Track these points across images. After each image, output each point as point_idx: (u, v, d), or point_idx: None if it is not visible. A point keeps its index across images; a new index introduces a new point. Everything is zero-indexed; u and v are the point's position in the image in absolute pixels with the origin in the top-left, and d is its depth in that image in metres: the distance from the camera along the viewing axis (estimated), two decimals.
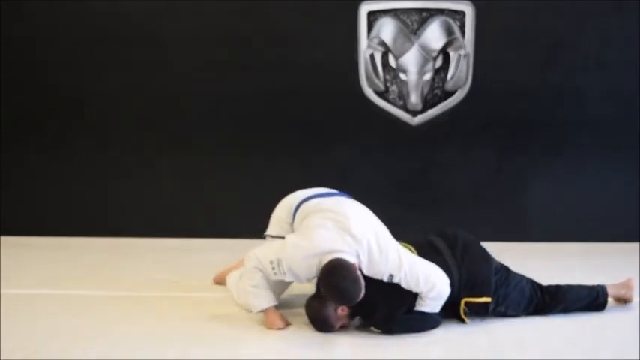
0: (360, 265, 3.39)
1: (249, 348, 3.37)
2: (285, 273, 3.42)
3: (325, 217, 3.48)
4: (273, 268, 3.43)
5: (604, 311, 3.74)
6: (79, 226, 5.46)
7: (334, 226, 3.42)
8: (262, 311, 3.54)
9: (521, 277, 3.72)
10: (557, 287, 3.74)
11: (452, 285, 3.51)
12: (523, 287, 3.67)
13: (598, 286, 3.78)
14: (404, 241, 3.65)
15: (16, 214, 5.47)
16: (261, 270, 3.47)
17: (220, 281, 4.23)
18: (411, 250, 3.59)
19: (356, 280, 3.30)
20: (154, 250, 5.12)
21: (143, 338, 3.47)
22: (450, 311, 3.60)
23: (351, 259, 3.36)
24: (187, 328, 3.60)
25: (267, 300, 3.52)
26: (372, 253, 3.39)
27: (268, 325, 3.53)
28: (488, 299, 3.58)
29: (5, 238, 5.34)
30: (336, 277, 3.29)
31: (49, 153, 5.45)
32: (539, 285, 3.73)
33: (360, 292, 3.30)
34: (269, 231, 3.86)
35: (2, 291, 4.12)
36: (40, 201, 5.50)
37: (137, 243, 5.30)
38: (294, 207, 3.72)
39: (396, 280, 3.40)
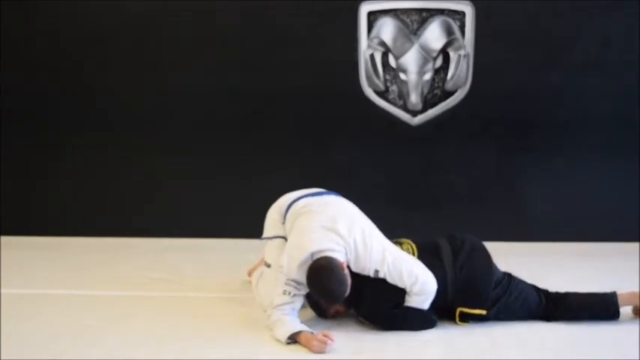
0: (348, 262, 3.44)
1: (248, 348, 3.37)
2: (299, 288, 3.44)
3: (313, 219, 3.53)
4: (290, 293, 3.43)
5: None
6: (79, 226, 5.46)
7: (322, 227, 3.46)
8: (292, 338, 3.38)
9: (525, 285, 3.64)
10: (564, 296, 3.66)
11: (444, 290, 3.49)
12: (527, 297, 3.60)
13: (608, 295, 3.64)
14: (406, 239, 3.66)
15: (16, 214, 5.47)
16: (287, 311, 3.43)
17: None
18: (411, 248, 3.60)
19: (342, 280, 3.34)
20: (153, 250, 5.12)
21: (143, 338, 3.47)
22: (447, 315, 3.60)
23: (340, 257, 3.40)
24: (187, 328, 3.60)
25: (290, 327, 3.39)
26: (357, 251, 3.44)
27: (312, 349, 3.30)
28: (483, 312, 3.54)
29: (5, 238, 5.35)
30: (322, 277, 3.33)
31: (49, 153, 5.45)
32: (545, 293, 3.65)
33: (346, 291, 3.36)
34: (265, 234, 3.89)
35: (2, 291, 4.13)
36: (40, 201, 5.50)
37: (137, 243, 5.30)
38: (284, 208, 3.78)
39: (381, 275, 3.45)
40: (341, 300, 3.42)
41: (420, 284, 3.44)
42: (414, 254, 3.58)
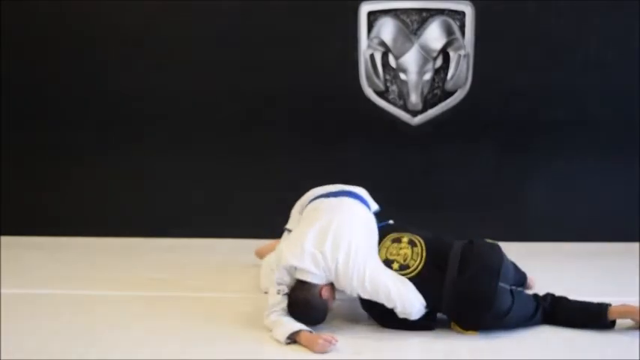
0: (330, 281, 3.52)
1: (248, 348, 3.38)
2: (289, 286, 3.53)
3: (308, 228, 3.58)
4: (283, 292, 3.50)
5: None
6: (80, 226, 5.46)
7: (310, 242, 3.50)
8: (291, 338, 3.41)
9: (529, 309, 3.55)
10: (557, 301, 3.62)
11: (438, 304, 3.46)
12: (526, 317, 3.54)
13: (600, 308, 3.55)
14: (420, 238, 3.62)
15: (16, 214, 5.47)
16: (280, 312, 3.49)
17: (260, 255, 4.39)
18: (420, 250, 3.54)
19: (319, 310, 3.48)
20: (154, 250, 5.12)
21: (143, 338, 3.47)
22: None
23: (319, 280, 3.47)
24: (187, 328, 3.60)
25: (289, 327, 3.42)
26: (338, 274, 3.47)
27: (314, 348, 3.33)
28: (474, 333, 3.48)
29: (5, 238, 5.34)
30: (301, 309, 3.45)
31: (49, 153, 5.45)
32: (543, 306, 3.59)
33: (324, 317, 3.51)
34: (288, 225, 4.03)
35: (2, 291, 4.13)
36: (40, 201, 5.50)
37: (137, 243, 5.30)
38: (306, 204, 3.89)
39: (365, 297, 3.50)
40: (319, 323, 3.52)
41: (399, 308, 3.45)
42: (420, 260, 3.51)
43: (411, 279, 3.49)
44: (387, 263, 3.55)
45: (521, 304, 3.52)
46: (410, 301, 3.43)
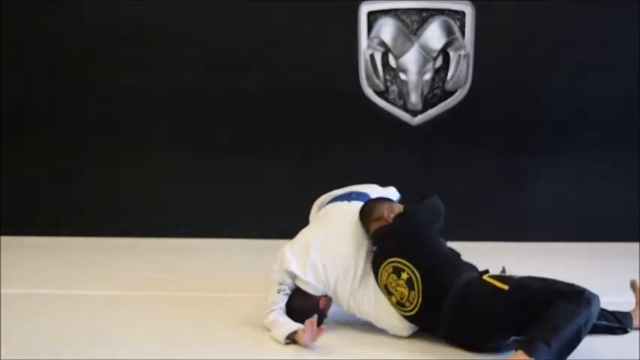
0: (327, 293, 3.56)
1: (248, 348, 3.37)
2: (289, 286, 3.55)
3: (314, 241, 3.58)
4: (283, 291, 3.53)
5: None
6: (79, 226, 5.46)
7: (317, 254, 3.52)
8: (290, 338, 3.38)
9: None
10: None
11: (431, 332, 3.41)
12: None
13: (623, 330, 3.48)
14: (417, 267, 3.36)
15: (16, 214, 5.47)
16: (278, 311, 3.50)
17: None
18: (417, 286, 3.33)
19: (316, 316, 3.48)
20: (154, 250, 5.12)
21: (143, 338, 3.47)
22: None
23: (317, 292, 3.51)
24: (187, 328, 3.60)
25: (287, 327, 3.41)
26: (336, 291, 3.52)
27: (301, 342, 3.31)
28: None
29: (5, 238, 5.34)
30: (301, 316, 3.42)
31: (49, 153, 5.45)
32: None
33: (320, 324, 3.45)
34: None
35: (2, 291, 4.12)
36: (40, 201, 5.50)
37: (137, 243, 5.30)
38: (324, 205, 3.90)
39: (358, 316, 3.55)
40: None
41: (388, 331, 3.48)
42: (417, 303, 3.32)
43: (407, 317, 3.40)
44: (388, 291, 3.44)
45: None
46: (397, 329, 3.46)
